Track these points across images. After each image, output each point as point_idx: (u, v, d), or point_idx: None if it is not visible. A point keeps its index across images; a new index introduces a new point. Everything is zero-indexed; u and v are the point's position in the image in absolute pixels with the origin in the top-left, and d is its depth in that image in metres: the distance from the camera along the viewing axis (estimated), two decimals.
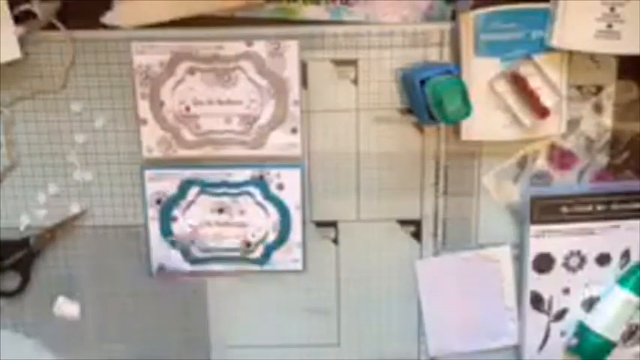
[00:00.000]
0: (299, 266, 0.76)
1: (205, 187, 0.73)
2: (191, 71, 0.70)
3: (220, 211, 0.74)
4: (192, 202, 0.74)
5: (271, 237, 0.75)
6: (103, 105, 0.72)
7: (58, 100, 0.71)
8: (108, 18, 0.68)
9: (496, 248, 0.75)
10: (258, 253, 0.75)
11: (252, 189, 0.73)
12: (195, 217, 0.74)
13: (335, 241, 0.76)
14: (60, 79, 0.71)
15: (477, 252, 0.75)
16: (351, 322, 0.78)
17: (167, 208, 0.74)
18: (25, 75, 0.70)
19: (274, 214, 0.74)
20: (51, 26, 0.69)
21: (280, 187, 0.73)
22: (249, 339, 0.79)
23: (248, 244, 0.75)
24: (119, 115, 0.72)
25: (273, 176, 0.73)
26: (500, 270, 0.75)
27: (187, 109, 0.71)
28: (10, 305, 0.77)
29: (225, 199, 0.74)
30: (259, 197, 0.73)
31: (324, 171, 0.74)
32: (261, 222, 0.74)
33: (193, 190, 0.73)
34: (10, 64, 0.68)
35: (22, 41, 0.68)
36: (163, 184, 0.73)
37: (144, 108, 0.71)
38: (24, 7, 0.67)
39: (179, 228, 0.74)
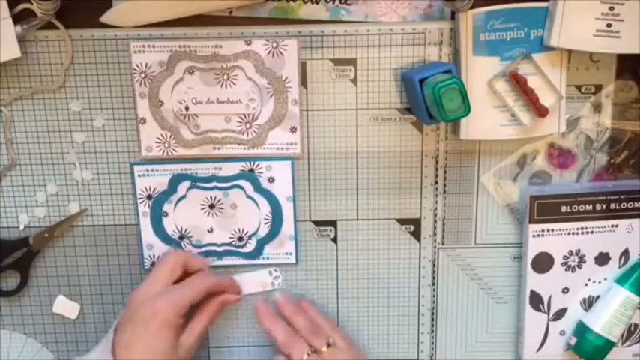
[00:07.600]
0: (292, 259, 0.76)
1: (196, 181, 0.73)
2: (190, 70, 0.70)
3: (211, 206, 0.74)
4: (182, 198, 0.74)
5: (263, 230, 0.75)
6: (102, 104, 0.72)
7: (57, 99, 0.71)
8: (107, 17, 0.68)
9: None
10: (250, 246, 0.75)
11: (242, 182, 0.73)
12: (186, 212, 0.74)
13: (334, 240, 0.76)
14: (59, 79, 0.70)
15: None
16: (351, 321, 0.78)
17: (158, 203, 0.74)
18: (24, 74, 0.70)
19: (265, 207, 0.74)
20: (50, 25, 0.69)
21: (271, 180, 0.73)
22: (247, 338, 0.79)
23: (240, 238, 0.75)
24: (118, 114, 0.72)
25: (263, 169, 0.73)
26: None
27: (186, 108, 0.71)
28: (9, 305, 0.77)
29: (216, 194, 0.74)
30: (250, 191, 0.73)
31: (324, 170, 0.74)
32: (252, 215, 0.74)
33: (184, 185, 0.73)
34: (9, 63, 0.68)
35: (21, 40, 0.68)
36: (154, 179, 0.73)
37: (143, 107, 0.71)
38: (23, 6, 0.67)
39: (170, 223, 0.74)
